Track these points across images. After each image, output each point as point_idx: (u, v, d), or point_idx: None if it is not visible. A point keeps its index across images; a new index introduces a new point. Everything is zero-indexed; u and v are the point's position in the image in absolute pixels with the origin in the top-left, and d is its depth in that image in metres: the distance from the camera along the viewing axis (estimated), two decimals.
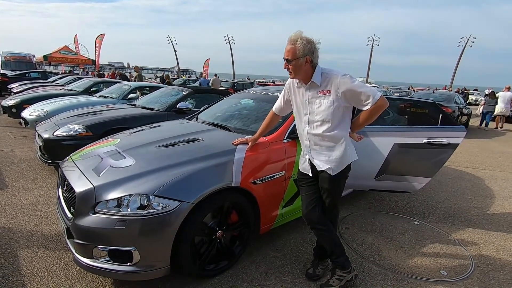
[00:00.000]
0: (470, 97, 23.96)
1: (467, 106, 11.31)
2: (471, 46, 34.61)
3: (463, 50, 34.76)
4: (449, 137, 2.77)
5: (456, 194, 3.91)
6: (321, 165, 1.87)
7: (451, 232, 2.90)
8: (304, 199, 2.00)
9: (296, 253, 2.39)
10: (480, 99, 24.28)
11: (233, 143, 2.21)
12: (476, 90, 28.92)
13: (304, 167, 1.99)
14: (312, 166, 1.92)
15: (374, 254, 2.44)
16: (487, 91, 29.85)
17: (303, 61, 1.72)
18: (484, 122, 10.98)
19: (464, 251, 2.56)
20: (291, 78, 1.88)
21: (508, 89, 10.61)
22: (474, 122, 12.13)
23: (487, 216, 3.31)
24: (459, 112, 9.32)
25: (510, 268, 2.36)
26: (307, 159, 1.95)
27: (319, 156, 1.87)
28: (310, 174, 1.94)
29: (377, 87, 25.76)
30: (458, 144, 2.79)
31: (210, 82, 12.47)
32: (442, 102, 9.02)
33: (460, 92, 20.57)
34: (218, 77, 13.85)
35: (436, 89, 18.84)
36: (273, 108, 2.17)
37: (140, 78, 10.65)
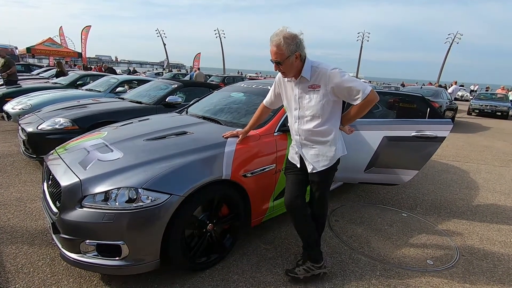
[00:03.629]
0: (457, 92, 24.50)
1: (453, 101, 11.59)
2: (457, 43, 35.29)
3: (450, 46, 35.41)
4: (436, 130, 2.82)
5: (442, 187, 4.01)
6: (311, 165, 1.87)
7: (437, 223, 2.97)
8: (289, 187, 1.98)
9: (287, 245, 2.41)
10: (466, 94, 24.93)
11: (223, 136, 2.19)
12: (463, 86, 29.61)
13: (293, 156, 1.99)
14: (302, 160, 1.92)
15: (363, 245, 2.48)
16: (472, 87, 30.49)
17: (293, 59, 1.68)
18: None
19: (450, 241, 2.63)
20: (283, 77, 1.84)
21: None
22: (460, 117, 12.44)
23: (471, 207, 3.41)
24: (445, 107, 9.52)
25: (493, 256, 2.44)
26: (297, 152, 1.94)
27: (309, 151, 1.87)
28: (298, 166, 1.94)
29: (367, 82, 26.07)
30: (445, 137, 2.85)
31: (194, 76, 12.38)
32: (429, 97, 9.20)
33: (447, 88, 20.98)
34: (201, 71, 13.81)
35: (424, 85, 19.16)
36: (264, 101, 2.16)
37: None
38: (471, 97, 20.56)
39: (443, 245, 2.55)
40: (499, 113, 13.03)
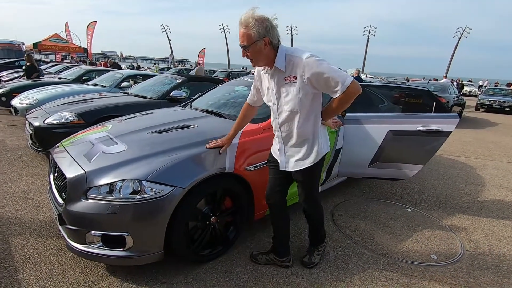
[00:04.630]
0: (465, 88, 24.12)
1: (461, 97, 11.40)
2: (466, 37, 34.62)
3: (459, 41, 34.77)
4: (442, 124, 2.79)
5: (448, 182, 3.97)
6: (292, 163, 1.78)
7: (442, 218, 2.95)
8: (270, 181, 1.95)
9: (290, 239, 2.41)
10: (474, 90, 24.50)
11: (206, 147, 1.96)
12: (471, 81, 29.09)
13: (275, 151, 1.89)
14: (283, 156, 1.82)
15: (366, 239, 2.47)
16: (481, 83, 30.00)
17: (262, 44, 1.52)
18: None
19: (454, 236, 2.61)
20: (253, 66, 1.70)
21: None
22: (467, 112, 12.26)
23: (477, 203, 3.37)
24: (453, 103, 9.39)
25: (498, 252, 2.41)
26: (279, 148, 1.83)
27: (290, 148, 1.77)
28: (279, 161, 1.85)
29: (372, 78, 25.73)
30: (451, 131, 2.81)
31: (194, 71, 12.53)
32: (436, 92, 9.08)
33: (455, 83, 20.67)
34: (202, 66, 14.01)
35: (431, 80, 18.91)
36: (247, 100, 2.00)
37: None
38: (479, 93, 20.21)
39: (448, 240, 2.53)
40: (508, 109, 12.79)
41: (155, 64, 29.29)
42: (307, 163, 1.75)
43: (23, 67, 8.03)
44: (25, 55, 8.17)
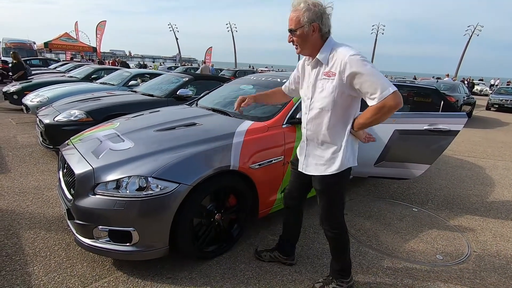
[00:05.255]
0: (476, 87, 23.66)
1: (471, 96, 11.19)
2: (477, 35, 33.87)
3: (470, 39, 34.06)
4: (450, 123, 2.75)
5: (455, 182, 3.91)
6: (311, 167, 1.66)
7: (449, 218, 2.92)
8: (290, 184, 1.91)
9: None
10: (485, 89, 24.01)
11: (235, 110, 1.95)
12: (482, 80, 28.50)
13: (299, 152, 1.78)
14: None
15: (371, 238, 2.46)
16: (492, 81, 29.34)
17: (310, 30, 1.42)
18: None
19: (461, 237, 2.58)
20: (297, 53, 1.57)
21: None
22: (478, 112, 12.03)
23: (486, 203, 3.32)
24: (462, 102, 9.23)
25: (506, 253, 2.38)
26: (302, 148, 1.72)
27: (313, 151, 1.64)
28: (299, 168, 1.75)
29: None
30: (459, 131, 2.77)
31: (199, 69, 12.74)
32: (446, 91, 8.94)
33: (465, 82, 20.29)
34: (208, 64, 14.32)
35: (440, 78, 18.62)
36: (283, 86, 1.93)
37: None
38: (490, 92, 19.79)
39: (454, 241, 2.51)
40: None
41: (153, 62, 29.49)
42: (328, 171, 1.57)
43: (9, 64, 8.03)
44: (11, 52, 8.21)
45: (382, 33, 42.18)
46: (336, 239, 1.74)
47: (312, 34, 1.45)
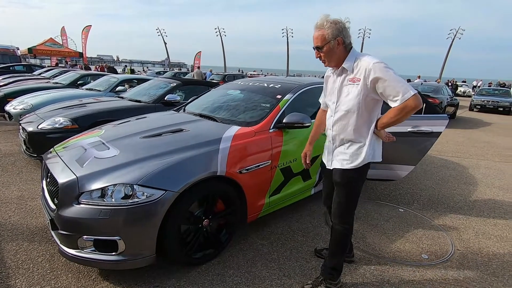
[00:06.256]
0: (459, 88, 24.36)
1: (454, 97, 11.53)
2: (459, 38, 35.01)
3: (452, 42, 35.16)
4: (432, 125, 2.83)
5: (440, 182, 4.02)
6: (335, 163, 1.78)
7: (433, 218, 2.99)
8: (324, 186, 2.04)
9: (283, 240, 2.43)
10: (468, 90, 24.75)
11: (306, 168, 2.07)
12: (465, 82, 29.38)
13: (324, 153, 1.91)
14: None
15: (358, 240, 2.50)
16: (475, 83, 30.27)
17: (335, 44, 1.60)
18: None
19: (445, 236, 2.65)
20: (325, 66, 1.75)
21: None
22: (461, 113, 12.39)
23: (469, 202, 3.42)
24: (446, 103, 9.50)
25: (488, 250, 2.45)
26: (328, 147, 1.86)
27: (338, 149, 1.77)
28: (326, 161, 1.88)
29: None
30: (441, 132, 2.85)
31: (193, 74, 12.82)
32: (430, 93, 9.19)
33: (449, 84, 20.91)
34: (200, 70, 14.49)
35: (425, 81, 19.14)
36: (321, 106, 2.02)
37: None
38: (473, 93, 20.43)
39: (439, 240, 2.57)
40: (501, 109, 12.95)
41: (126, 66, 29.02)
42: (350, 165, 1.71)
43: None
44: None
45: (369, 37, 43.08)
46: (342, 234, 1.84)
47: (337, 48, 1.62)
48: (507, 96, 13.87)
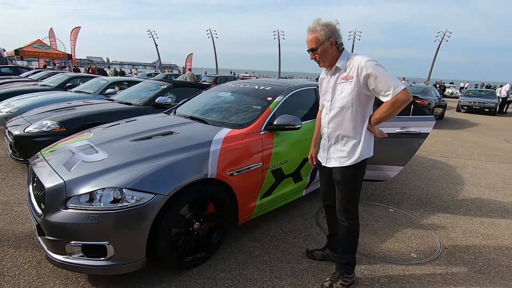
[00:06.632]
0: (447, 90, 24.90)
1: (442, 98, 11.78)
2: (447, 41, 35.83)
3: (440, 44, 35.95)
4: (420, 126, 2.88)
5: (429, 182, 4.09)
6: (333, 162, 1.83)
7: (422, 217, 3.04)
8: (321, 184, 2.09)
9: (275, 242, 2.44)
10: (456, 92, 25.33)
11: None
12: (452, 83, 30.07)
13: (320, 153, 1.96)
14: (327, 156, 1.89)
15: None
16: (462, 84, 30.96)
17: (328, 45, 1.69)
18: None
19: (434, 235, 2.70)
20: (320, 66, 1.82)
21: None
22: (449, 114, 12.66)
23: (456, 201, 3.49)
24: (434, 104, 9.70)
25: (474, 248, 2.51)
26: (323, 145, 1.91)
27: (335, 146, 1.83)
28: (321, 159, 1.93)
29: None
30: (429, 133, 2.91)
31: (185, 75, 12.83)
32: (418, 95, 9.36)
33: (437, 86, 21.35)
34: (192, 72, 14.57)
35: (414, 82, 19.51)
36: (320, 108, 2.03)
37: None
38: (460, 94, 20.90)
39: (427, 239, 2.61)
40: (487, 110, 13.29)
41: (108, 67, 28.87)
42: (349, 162, 1.77)
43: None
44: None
45: (359, 39, 43.67)
46: (351, 230, 1.90)
47: (330, 48, 1.71)
48: (492, 97, 14.25)
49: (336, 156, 1.83)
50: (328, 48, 1.70)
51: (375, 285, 1.99)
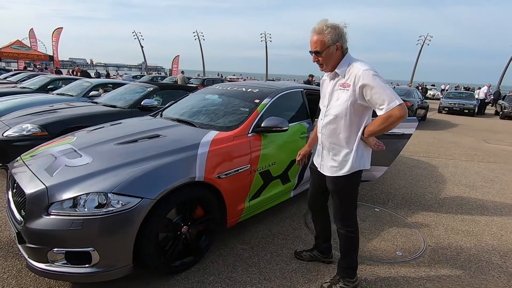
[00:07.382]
0: (429, 92, 25.71)
1: (424, 100, 12.15)
2: (428, 44, 37.01)
3: (421, 47, 37.10)
4: (403, 127, 2.97)
5: (413, 182, 4.21)
6: (326, 169, 1.81)
7: (407, 216, 3.12)
8: (311, 186, 2.08)
9: (263, 244, 2.44)
10: (437, 93, 26.20)
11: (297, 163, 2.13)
12: (434, 85, 31.08)
13: (315, 158, 1.95)
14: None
15: (336, 240, 2.52)
16: (443, 86, 32.02)
17: (334, 49, 1.62)
18: None
19: (418, 233, 2.77)
20: (321, 70, 1.75)
21: None
22: (431, 115, 13.06)
23: (439, 200, 3.60)
24: (417, 106, 9.99)
25: (456, 245, 2.59)
26: (318, 151, 1.89)
27: (328, 154, 1.80)
28: (316, 164, 1.92)
29: None
30: (412, 134, 3.00)
31: (177, 78, 12.71)
32: (402, 97, 9.62)
33: (419, 88, 22.00)
34: (183, 74, 14.46)
35: (398, 85, 20.02)
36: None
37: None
38: (441, 96, 21.62)
39: (412, 237, 2.68)
40: (467, 111, 13.81)
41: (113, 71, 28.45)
42: (341, 173, 1.73)
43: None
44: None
45: None
46: (348, 236, 1.87)
47: (336, 52, 1.64)
48: (471, 99, 14.82)
49: (329, 165, 1.79)
50: (333, 52, 1.63)
51: (362, 284, 2.02)
